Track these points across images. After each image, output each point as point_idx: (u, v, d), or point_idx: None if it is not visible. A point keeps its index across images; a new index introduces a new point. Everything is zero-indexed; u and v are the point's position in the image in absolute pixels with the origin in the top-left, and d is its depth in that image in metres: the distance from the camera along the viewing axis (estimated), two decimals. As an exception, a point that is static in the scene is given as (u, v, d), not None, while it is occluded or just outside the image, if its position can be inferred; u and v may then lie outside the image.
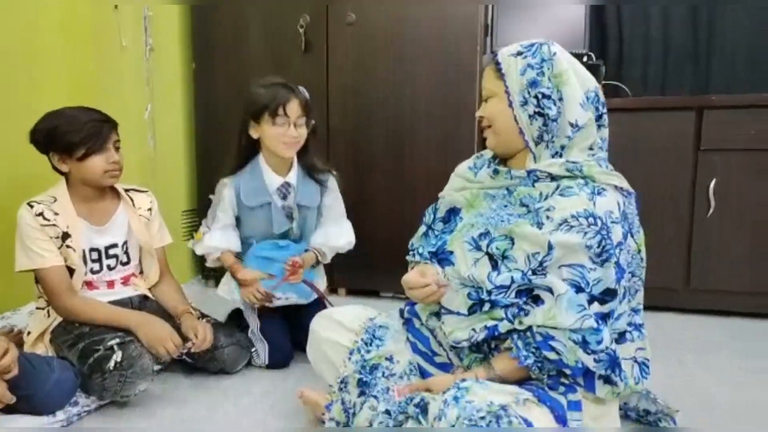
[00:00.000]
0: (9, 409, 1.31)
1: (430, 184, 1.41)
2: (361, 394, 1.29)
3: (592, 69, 2.43)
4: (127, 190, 1.75)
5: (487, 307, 1.17)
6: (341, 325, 1.38)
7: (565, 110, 1.17)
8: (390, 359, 1.30)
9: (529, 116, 1.18)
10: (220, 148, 2.60)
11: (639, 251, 1.27)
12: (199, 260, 2.71)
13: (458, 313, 1.20)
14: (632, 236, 1.23)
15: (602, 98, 1.23)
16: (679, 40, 2.67)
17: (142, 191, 1.80)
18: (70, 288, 1.58)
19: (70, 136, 1.55)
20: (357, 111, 2.44)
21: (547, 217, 1.14)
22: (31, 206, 1.56)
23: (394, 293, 2.41)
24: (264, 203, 1.81)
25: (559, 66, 1.18)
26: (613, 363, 1.14)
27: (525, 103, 1.18)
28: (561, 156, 1.20)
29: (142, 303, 1.75)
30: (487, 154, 1.36)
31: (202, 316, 1.75)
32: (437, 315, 1.27)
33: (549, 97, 1.17)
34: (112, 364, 1.42)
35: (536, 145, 1.20)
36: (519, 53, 1.20)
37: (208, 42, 2.58)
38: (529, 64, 1.18)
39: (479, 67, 2.29)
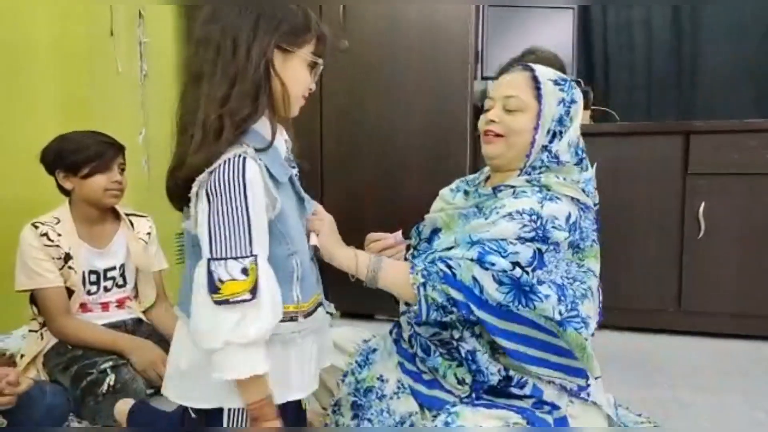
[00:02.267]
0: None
1: (421, 209, 1.43)
2: (355, 416, 1.29)
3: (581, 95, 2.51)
4: (127, 215, 1.78)
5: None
6: (336, 346, 1.38)
7: (558, 144, 1.23)
8: (381, 378, 1.31)
9: (543, 146, 1.23)
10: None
11: (582, 263, 1.26)
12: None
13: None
14: (580, 248, 1.23)
15: (582, 145, 1.28)
16: (665, 66, 2.74)
17: (142, 216, 1.83)
18: (67, 310, 1.59)
19: (77, 155, 1.59)
20: (350, 136, 2.47)
21: (496, 213, 1.18)
22: (36, 227, 1.59)
23: (388, 316, 2.41)
24: (290, 175, 1.06)
25: (576, 112, 1.25)
26: (518, 286, 1.11)
27: (546, 134, 1.22)
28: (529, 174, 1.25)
29: (135, 326, 1.75)
30: (469, 178, 1.41)
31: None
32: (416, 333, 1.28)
33: (560, 135, 1.23)
34: (105, 387, 1.41)
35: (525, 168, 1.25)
36: (556, 83, 1.23)
37: (203, 67, 2.60)
38: (563, 99, 1.23)
39: (470, 92, 2.33)
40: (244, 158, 0.91)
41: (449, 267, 1.12)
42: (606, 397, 1.27)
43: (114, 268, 1.71)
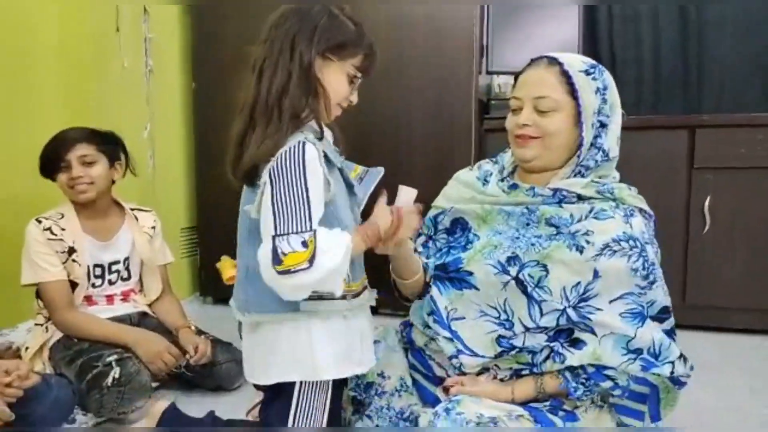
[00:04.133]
0: (6, 427, 1.31)
1: (426, 202, 1.42)
2: (355, 412, 1.29)
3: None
4: (132, 209, 1.79)
5: (515, 351, 1.15)
6: None
7: (606, 139, 1.19)
8: (382, 375, 1.29)
9: (590, 143, 1.18)
10: (218, 167, 2.63)
11: None
12: (198, 276, 2.72)
13: (482, 356, 1.17)
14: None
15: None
16: (671, 61, 2.71)
17: (146, 211, 1.84)
18: (71, 303, 1.61)
19: (42, 160, 1.62)
20: (354, 135, 2.45)
21: (587, 242, 1.11)
22: (39, 221, 1.61)
23: (392, 310, 2.41)
24: (340, 164, 1.17)
25: (613, 96, 1.20)
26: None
27: (591, 126, 1.17)
28: (583, 176, 1.19)
29: (141, 320, 1.76)
30: (486, 165, 1.34)
31: (201, 332, 1.76)
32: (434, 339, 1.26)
33: (605, 126, 1.18)
34: (110, 380, 1.42)
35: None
36: (587, 72, 1.17)
37: (208, 63, 2.61)
38: (598, 88, 1.17)
39: (475, 87, 2.32)
40: (304, 143, 1.01)
41: (610, 379, 1.12)
42: None
43: (118, 262, 1.73)
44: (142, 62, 2.43)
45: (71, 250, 1.61)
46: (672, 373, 1.09)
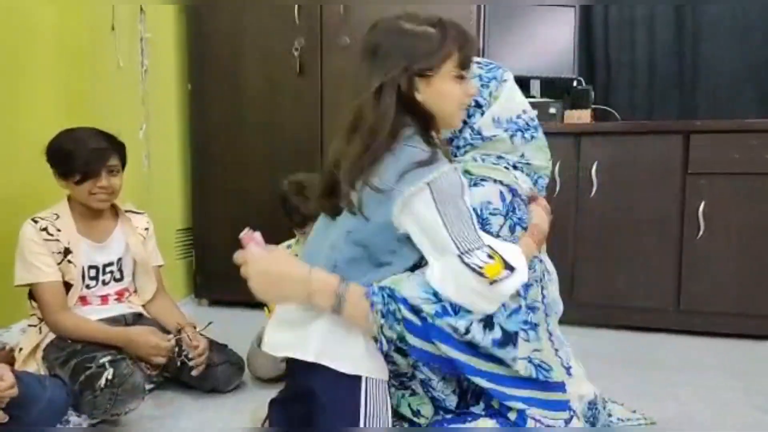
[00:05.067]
0: (0, 429, 1.30)
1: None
2: None
3: (582, 94, 2.52)
4: (126, 211, 1.80)
5: None
6: None
7: (479, 119, 1.24)
8: None
9: (463, 122, 1.24)
10: (214, 167, 2.63)
11: None
12: (193, 278, 2.71)
13: None
14: (523, 229, 1.19)
15: (528, 122, 1.27)
16: (666, 65, 2.73)
17: (140, 213, 1.85)
18: (64, 304, 1.60)
19: (67, 164, 1.60)
20: (351, 132, 2.47)
21: None
22: (35, 222, 1.60)
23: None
24: None
25: (499, 89, 1.25)
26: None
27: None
28: (455, 155, 1.25)
29: (135, 320, 1.75)
30: None
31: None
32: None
33: (480, 107, 1.24)
34: (103, 381, 1.41)
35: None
36: (478, 63, 1.26)
37: (203, 63, 2.61)
38: (480, 75, 1.25)
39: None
40: (456, 169, 1.08)
41: (412, 311, 1.06)
42: (577, 392, 1.25)
43: (112, 263, 1.73)
44: (138, 62, 2.42)
45: (67, 251, 1.60)
46: (468, 330, 1.04)
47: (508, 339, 1.07)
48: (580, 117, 2.43)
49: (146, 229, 1.82)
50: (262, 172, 2.55)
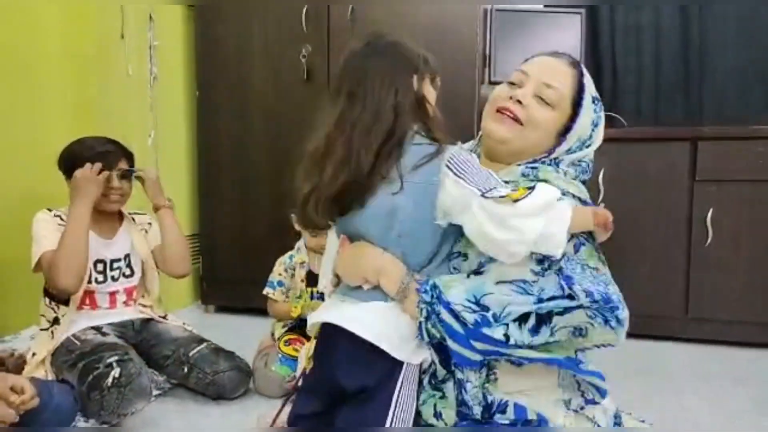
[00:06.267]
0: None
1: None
2: None
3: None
4: (129, 213, 1.85)
5: None
6: None
7: (566, 157, 1.17)
8: None
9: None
10: (221, 174, 2.64)
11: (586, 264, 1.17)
12: (199, 285, 2.72)
13: None
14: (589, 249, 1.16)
15: (587, 167, 1.22)
16: (673, 71, 2.73)
17: (142, 214, 1.91)
18: None
19: (83, 164, 1.63)
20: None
21: None
22: (50, 210, 1.66)
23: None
24: None
25: (597, 134, 1.19)
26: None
27: (569, 151, 1.17)
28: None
29: (143, 326, 1.78)
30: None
31: (202, 341, 1.76)
32: None
33: (582, 148, 1.17)
34: (110, 380, 1.43)
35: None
36: (594, 101, 1.17)
37: (211, 71, 2.62)
38: (594, 120, 1.17)
39: (478, 97, 2.33)
40: (462, 148, 1.13)
41: (453, 316, 1.06)
42: (603, 407, 1.25)
43: (119, 260, 1.76)
44: (147, 69, 2.44)
45: None
46: (507, 337, 1.03)
47: (541, 320, 1.06)
48: (587, 123, 2.42)
49: (149, 223, 1.88)
50: (269, 179, 2.56)
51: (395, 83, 1.12)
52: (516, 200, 0.99)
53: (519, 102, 1.13)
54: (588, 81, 1.16)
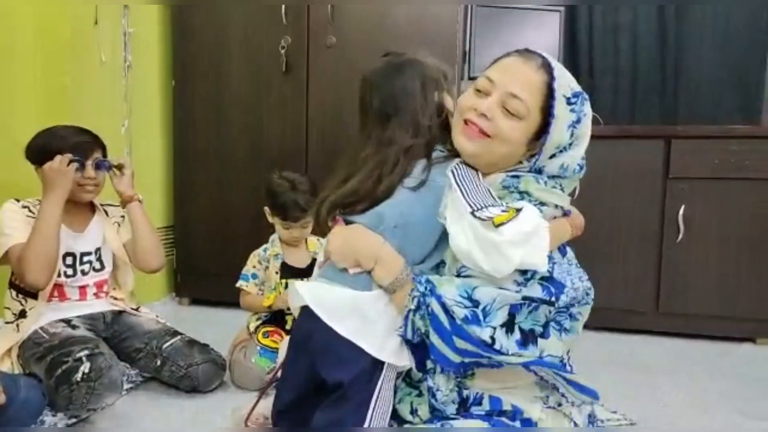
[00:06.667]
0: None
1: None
2: None
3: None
4: (101, 205, 1.80)
5: None
6: None
7: (549, 163, 1.13)
8: None
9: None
10: (197, 165, 2.61)
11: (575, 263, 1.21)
12: (173, 277, 2.69)
13: None
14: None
15: (577, 168, 1.15)
16: (649, 71, 2.77)
17: (115, 205, 1.85)
18: None
19: (52, 153, 1.58)
20: (335, 132, 2.46)
21: None
22: (17, 200, 1.62)
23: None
24: None
25: (583, 129, 1.13)
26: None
27: (546, 157, 1.12)
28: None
29: (114, 318, 1.75)
30: None
31: (176, 333, 1.74)
32: None
33: (555, 156, 1.12)
34: (79, 375, 1.39)
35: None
36: (569, 102, 1.10)
37: (188, 60, 2.58)
38: (572, 121, 1.11)
39: (457, 93, 2.32)
40: (464, 162, 1.15)
41: (444, 310, 1.05)
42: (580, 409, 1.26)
43: (90, 253, 1.72)
44: (121, 57, 2.39)
45: None
46: (493, 340, 1.03)
47: (527, 338, 1.07)
48: (564, 120, 2.45)
49: (122, 216, 1.83)
50: (245, 170, 2.53)
51: (428, 102, 1.21)
52: (498, 225, 1.00)
53: (484, 116, 1.09)
54: (560, 84, 1.09)
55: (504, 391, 1.17)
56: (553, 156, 1.12)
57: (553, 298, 1.08)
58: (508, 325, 1.06)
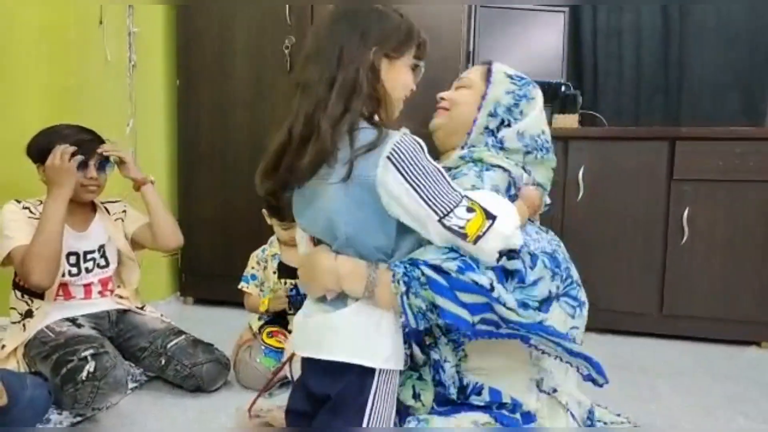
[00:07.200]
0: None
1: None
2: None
3: (570, 99, 2.53)
4: (102, 203, 1.81)
5: None
6: None
7: (505, 131, 1.32)
8: None
9: (485, 127, 1.31)
10: (201, 165, 2.61)
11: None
12: (178, 276, 2.69)
13: None
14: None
15: (545, 143, 1.35)
16: (653, 72, 2.77)
17: (115, 201, 1.86)
18: None
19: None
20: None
21: None
22: (18, 201, 1.61)
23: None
24: None
25: (529, 107, 1.34)
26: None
27: (491, 115, 1.32)
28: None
29: (119, 317, 1.75)
30: None
31: (180, 333, 1.74)
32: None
33: (507, 124, 1.32)
34: (84, 374, 1.40)
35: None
36: (510, 77, 1.35)
37: (192, 59, 2.59)
38: (513, 91, 1.33)
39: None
40: (406, 133, 1.05)
41: (435, 270, 1.02)
42: (576, 398, 1.27)
43: (93, 251, 1.73)
44: (126, 57, 2.39)
45: None
46: (492, 287, 1.01)
47: (524, 305, 1.06)
48: (568, 122, 2.45)
49: (123, 211, 1.84)
50: (249, 170, 2.51)
51: (356, 57, 1.04)
52: (476, 240, 0.99)
53: (443, 98, 1.40)
54: (498, 67, 1.36)
55: (498, 374, 1.17)
56: (504, 124, 1.31)
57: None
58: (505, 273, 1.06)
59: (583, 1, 2.76)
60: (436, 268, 1.02)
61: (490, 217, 1.00)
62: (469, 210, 1.00)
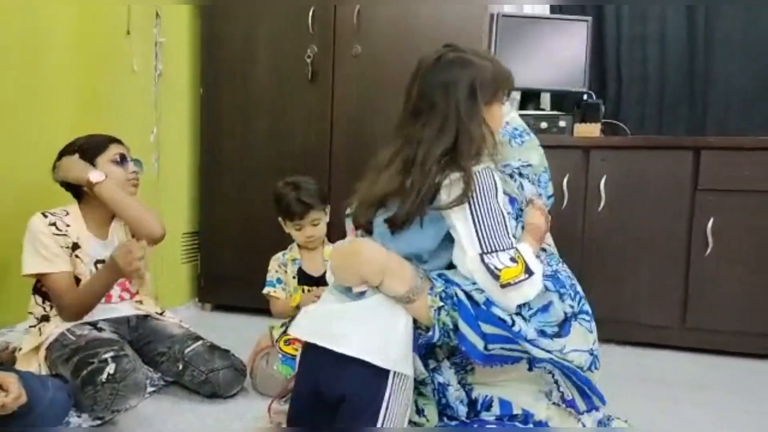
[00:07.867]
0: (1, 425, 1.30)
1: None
2: None
3: (592, 107, 2.51)
4: None
5: None
6: None
7: None
8: None
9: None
10: (223, 172, 2.65)
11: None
12: (197, 282, 2.72)
13: None
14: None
15: (513, 130, 1.40)
16: (677, 81, 2.73)
17: None
18: (75, 291, 1.63)
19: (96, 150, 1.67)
20: (360, 141, 2.48)
21: None
22: (45, 216, 1.63)
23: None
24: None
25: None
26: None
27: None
28: None
29: (139, 323, 1.77)
30: None
31: (198, 339, 1.76)
32: None
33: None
34: (104, 376, 1.42)
35: None
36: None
37: (216, 69, 2.63)
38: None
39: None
40: (492, 169, 1.15)
41: (468, 296, 1.09)
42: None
43: None
44: (152, 66, 2.44)
45: (75, 246, 1.63)
46: (513, 323, 1.10)
47: (543, 334, 1.09)
48: (590, 131, 2.42)
49: None
50: (270, 178, 2.54)
51: (471, 108, 1.16)
52: (505, 285, 1.04)
53: None
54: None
55: (504, 385, 1.16)
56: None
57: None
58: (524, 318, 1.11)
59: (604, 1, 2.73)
60: (468, 295, 1.07)
61: (528, 272, 1.06)
62: (513, 260, 1.06)
